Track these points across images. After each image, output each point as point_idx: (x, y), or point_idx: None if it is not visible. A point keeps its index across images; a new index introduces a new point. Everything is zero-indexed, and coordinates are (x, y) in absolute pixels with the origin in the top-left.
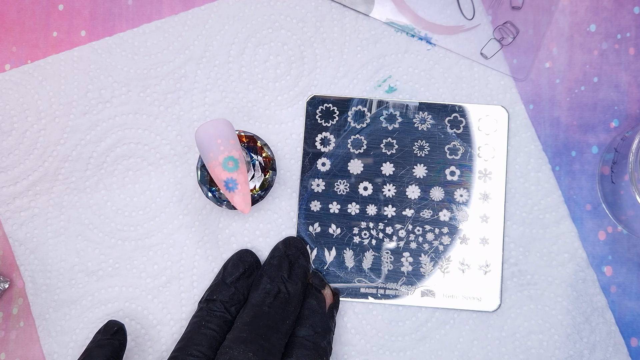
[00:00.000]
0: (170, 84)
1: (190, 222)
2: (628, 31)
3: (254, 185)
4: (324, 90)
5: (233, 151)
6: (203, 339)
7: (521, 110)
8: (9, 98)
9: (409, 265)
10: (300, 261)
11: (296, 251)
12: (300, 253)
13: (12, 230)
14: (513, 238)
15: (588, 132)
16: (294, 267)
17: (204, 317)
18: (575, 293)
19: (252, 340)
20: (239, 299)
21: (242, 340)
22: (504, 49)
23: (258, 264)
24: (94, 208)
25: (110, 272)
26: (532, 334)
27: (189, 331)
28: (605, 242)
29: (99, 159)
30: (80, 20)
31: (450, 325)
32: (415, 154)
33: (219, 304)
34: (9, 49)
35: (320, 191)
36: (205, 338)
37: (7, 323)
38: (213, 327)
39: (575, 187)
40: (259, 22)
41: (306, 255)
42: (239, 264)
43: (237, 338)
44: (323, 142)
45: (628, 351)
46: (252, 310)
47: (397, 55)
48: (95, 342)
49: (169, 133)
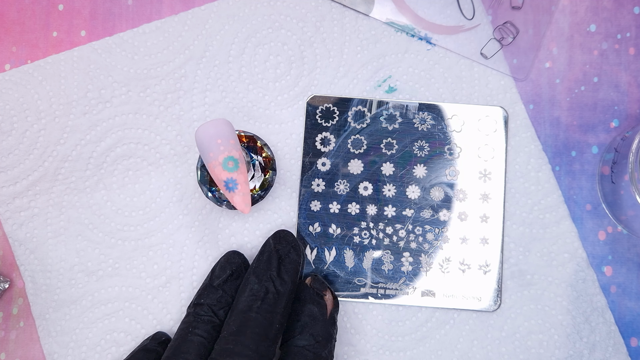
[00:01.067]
0: (170, 84)
1: (190, 222)
2: (628, 31)
3: (254, 185)
4: (323, 90)
5: (233, 151)
6: (191, 347)
7: (521, 110)
8: (9, 98)
9: (409, 265)
10: (291, 256)
11: (286, 245)
12: (291, 247)
13: (12, 230)
14: (513, 238)
15: (588, 132)
16: (284, 262)
17: (191, 322)
18: (575, 293)
19: (240, 353)
20: (227, 302)
21: (229, 352)
22: (503, 49)
23: (246, 264)
24: (94, 208)
25: (110, 272)
26: (532, 334)
27: (176, 339)
28: (605, 242)
29: (98, 159)
30: (80, 20)
31: (450, 325)
32: (415, 154)
33: (207, 308)
34: (9, 49)
35: (320, 191)
36: (192, 345)
37: (7, 323)
38: (200, 333)
39: (575, 187)
40: (259, 22)
41: (298, 249)
42: (226, 265)
43: (224, 350)
44: (323, 142)
45: (628, 351)
46: (238, 318)
47: (397, 55)
48: (142, 346)
49: (169, 133)
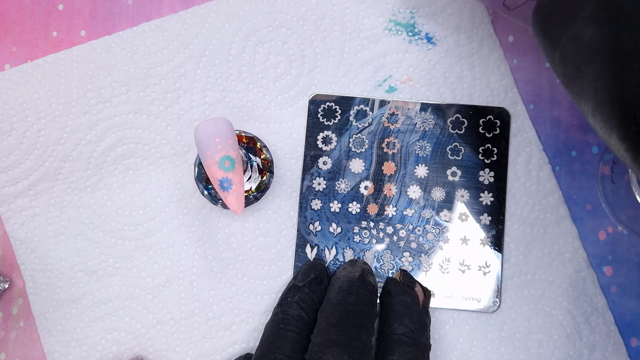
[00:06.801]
0: (170, 83)
1: (190, 221)
2: None
3: (250, 186)
4: (324, 89)
5: (230, 151)
6: (285, 342)
7: (522, 110)
8: (9, 98)
9: (409, 265)
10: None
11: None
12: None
13: (13, 230)
14: (513, 238)
15: (588, 132)
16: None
17: (281, 320)
18: (575, 293)
19: (344, 342)
20: (313, 300)
21: (333, 342)
22: None
23: (327, 273)
24: (94, 207)
25: (111, 271)
26: (532, 334)
27: (269, 336)
28: (606, 242)
29: (99, 158)
30: (80, 20)
31: (450, 326)
32: (417, 154)
33: (295, 305)
34: (9, 48)
35: (321, 190)
36: (287, 341)
37: (7, 323)
38: (293, 329)
39: (575, 187)
40: (258, 21)
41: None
42: (310, 270)
43: (328, 341)
44: (325, 141)
45: (627, 351)
46: (336, 310)
47: (398, 54)
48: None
49: (168, 132)
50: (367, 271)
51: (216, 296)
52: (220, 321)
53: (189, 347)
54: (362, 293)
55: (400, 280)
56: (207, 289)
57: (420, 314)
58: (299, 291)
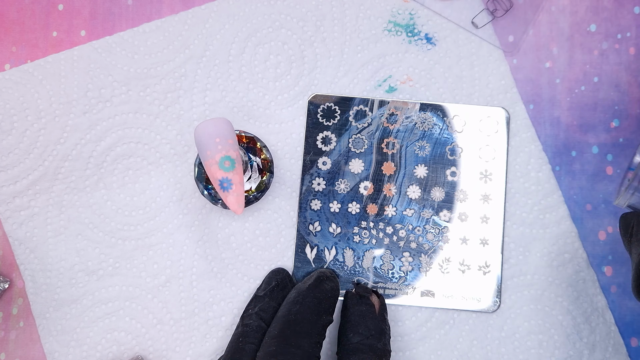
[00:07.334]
0: (170, 83)
1: (190, 221)
2: (628, 31)
3: (250, 186)
4: (324, 89)
5: (230, 151)
6: (243, 356)
7: (521, 110)
8: (9, 97)
9: (408, 265)
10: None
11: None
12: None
13: (12, 230)
14: (513, 238)
15: (588, 132)
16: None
17: (241, 333)
18: (576, 293)
19: (282, 352)
20: (273, 308)
21: (272, 354)
22: (495, 22)
23: (290, 279)
24: (94, 207)
25: (111, 271)
26: (531, 334)
27: (229, 350)
28: (606, 242)
29: (98, 158)
30: (80, 20)
31: (450, 326)
32: (417, 154)
33: (255, 316)
34: (9, 48)
35: (320, 190)
36: (245, 354)
37: (7, 323)
38: (252, 341)
39: (575, 187)
40: (259, 22)
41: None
42: (272, 279)
43: (267, 354)
44: (324, 141)
45: (627, 351)
46: (279, 322)
47: (397, 55)
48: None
49: (168, 132)
50: (325, 277)
51: (216, 296)
52: (220, 321)
53: (189, 347)
54: (308, 301)
55: (354, 293)
56: (207, 289)
57: (376, 321)
58: (260, 301)
